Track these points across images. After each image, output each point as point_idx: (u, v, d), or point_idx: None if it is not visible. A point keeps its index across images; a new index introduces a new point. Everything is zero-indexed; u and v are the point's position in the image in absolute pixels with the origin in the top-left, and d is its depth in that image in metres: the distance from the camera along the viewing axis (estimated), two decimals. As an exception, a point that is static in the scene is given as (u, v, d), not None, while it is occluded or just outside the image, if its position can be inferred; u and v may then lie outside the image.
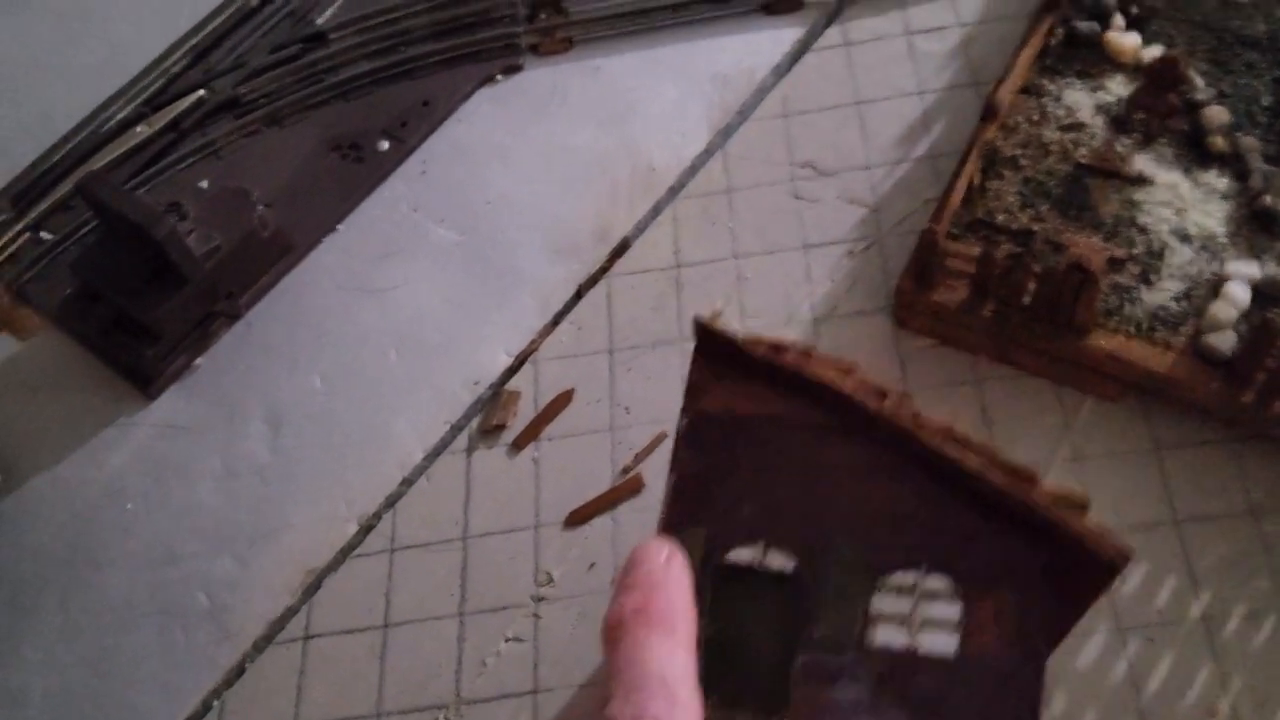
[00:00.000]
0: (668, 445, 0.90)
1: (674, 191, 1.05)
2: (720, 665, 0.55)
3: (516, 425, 0.93)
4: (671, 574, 0.46)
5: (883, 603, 0.54)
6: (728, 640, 0.56)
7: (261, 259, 1.01)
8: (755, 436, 0.60)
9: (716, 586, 0.57)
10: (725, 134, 1.08)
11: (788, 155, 1.06)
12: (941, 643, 0.53)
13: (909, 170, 1.03)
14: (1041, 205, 0.91)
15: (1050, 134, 0.94)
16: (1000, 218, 0.91)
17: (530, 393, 0.95)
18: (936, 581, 0.54)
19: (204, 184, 1.11)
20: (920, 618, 0.54)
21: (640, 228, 1.04)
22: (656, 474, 0.89)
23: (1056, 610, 0.54)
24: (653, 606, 0.44)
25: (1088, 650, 0.76)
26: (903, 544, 0.55)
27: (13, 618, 0.90)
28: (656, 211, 1.04)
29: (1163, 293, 0.85)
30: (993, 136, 0.93)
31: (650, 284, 1.00)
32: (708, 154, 1.08)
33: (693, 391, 0.62)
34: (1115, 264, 0.87)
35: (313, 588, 0.88)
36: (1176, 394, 0.83)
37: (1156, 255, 0.87)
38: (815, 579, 0.55)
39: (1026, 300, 0.86)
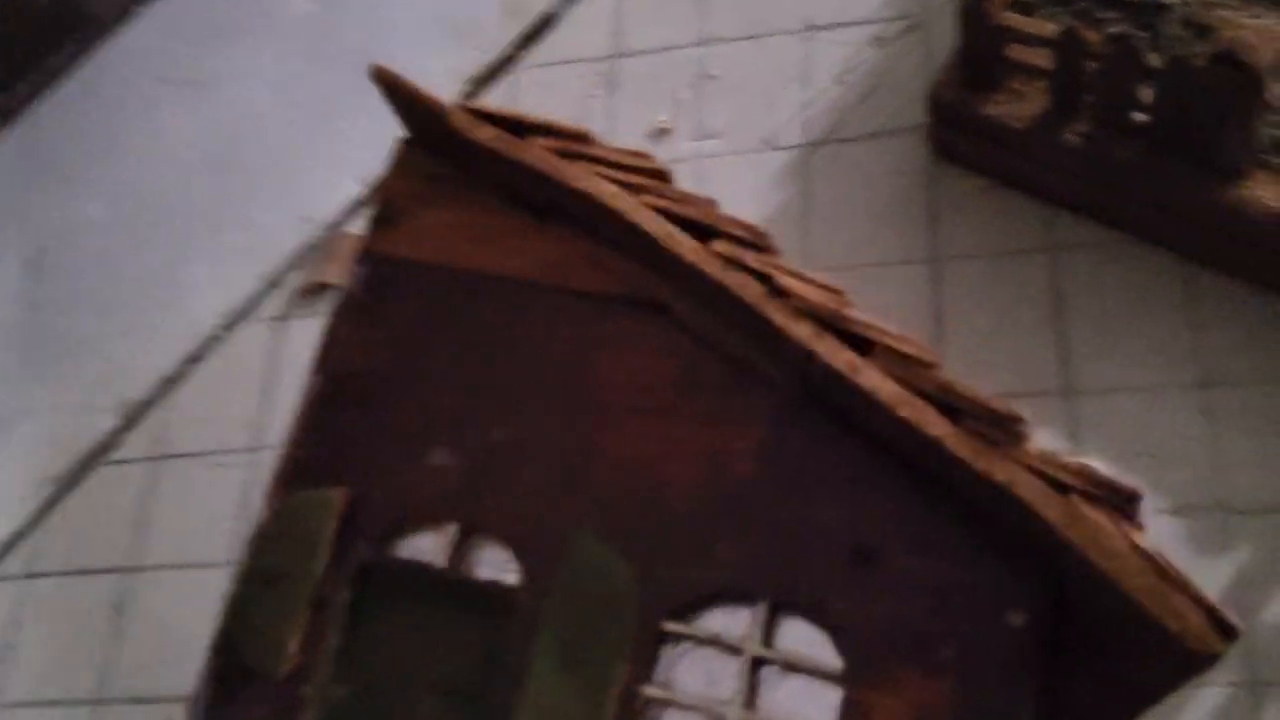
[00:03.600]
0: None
1: (628, -55, 0.72)
2: None
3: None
4: None
5: (676, 669, 0.26)
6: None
7: (41, 35, 0.72)
8: (479, 313, 0.31)
9: (361, 604, 0.30)
10: None
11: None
12: None
13: (983, -86, 0.67)
14: (1187, -39, 0.56)
15: None
16: (1114, -20, 0.56)
17: (382, 237, 0.66)
18: (790, 639, 0.25)
19: (4, -69, 0.81)
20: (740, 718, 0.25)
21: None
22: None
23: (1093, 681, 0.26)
24: None
25: (1194, 710, 0.46)
26: (721, 558, 0.26)
27: None
28: (599, -26, 0.71)
29: (1385, 111, 0.50)
30: None
31: (573, 80, 0.68)
32: (685, -114, 0.73)
33: (387, 216, 0.32)
34: (1304, 60, 0.52)
35: (48, 502, 0.63)
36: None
37: (1380, 47, 0.51)
38: (535, 609, 0.27)
39: (1140, 117, 0.51)
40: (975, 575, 0.24)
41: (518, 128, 0.31)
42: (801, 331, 0.26)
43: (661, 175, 0.30)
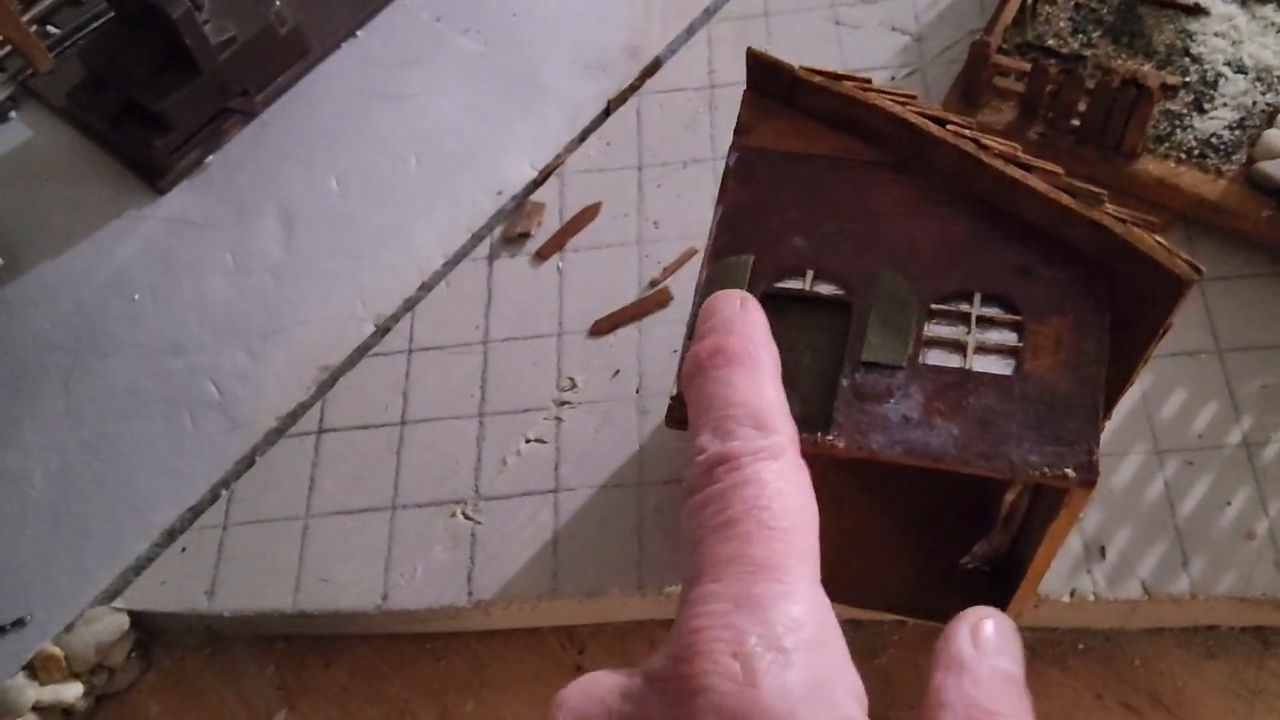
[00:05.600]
0: (697, 261, 0.88)
1: (709, 13, 1.02)
2: None
3: (541, 236, 0.90)
4: (748, 316, 0.45)
5: (936, 328, 0.52)
6: None
7: (277, 57, 0.97)
8: (805, 174, 0.57)
9: (766, 314, 0.56)
10: (765, -42, 1.04)
11: (829, -19, 1.02)
12: (996, 364, 0.51)
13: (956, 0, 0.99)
14: (1093, 32, 0.88)
15: (1107, -39, 0.91)
16: (1050, 42, 0.88)
17: (555, 205, 0.92)
18: (990, 309, 0.52)
19: (219, -16, 1.05)
20: (974, 341, 0.52)
21: (673, 48, 1.00)
22: (684, 288, 0.87)
23: (1120, 337, 0.52)
24: (729, 345, 0.43)
25: (1124, 469, 0.75)
26: (954, 278, 0.53)
27: (14, 400, 0.87)
28: (690, 32, 1.01)
29: (1216, 121, 0.83)
30: (1050, -46, 0.90)
31: (683, 103, 0.96)
32: (746, -23, 1.03)
33: (743, 129, 0.59)
34: (1168, 90, 0.85)
35: (327, 384, 0.86)
36: (1225, 223, 0.81)
37: (1210, 84, 0.85)
38: (863, 305, 0.53)
39: (1075, 122, 0.83)
40: (1078, 272, 0.52)
41: (833, 75, 0.59)
42: (996, 164, 0.55)
43: (910, 98, 0.59)
